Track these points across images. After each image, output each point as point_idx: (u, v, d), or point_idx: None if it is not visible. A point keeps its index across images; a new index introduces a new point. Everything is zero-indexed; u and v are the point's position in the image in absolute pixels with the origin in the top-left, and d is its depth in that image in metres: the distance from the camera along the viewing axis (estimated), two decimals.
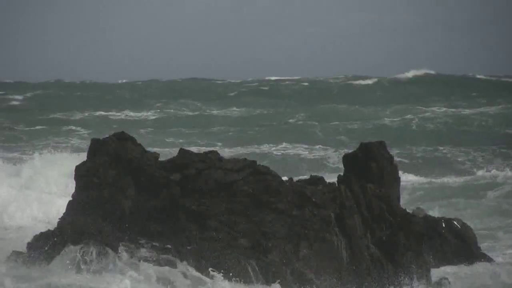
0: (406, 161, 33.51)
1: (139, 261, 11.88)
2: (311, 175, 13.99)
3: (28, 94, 60.17)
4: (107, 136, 13.63)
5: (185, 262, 12.07)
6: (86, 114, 50.59)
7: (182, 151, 13.36)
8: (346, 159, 14.36)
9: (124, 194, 12.94)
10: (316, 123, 44.36)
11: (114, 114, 51.47)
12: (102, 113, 51.33)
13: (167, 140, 39.68)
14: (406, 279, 13.20)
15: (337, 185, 13.68)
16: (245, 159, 13.43)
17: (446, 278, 14.72)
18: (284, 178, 13.51)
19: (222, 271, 12.04)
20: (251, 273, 12.27)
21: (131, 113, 51.84)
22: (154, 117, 50.51)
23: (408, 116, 46.10)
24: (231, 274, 12.07)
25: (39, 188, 21.86)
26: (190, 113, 51.49)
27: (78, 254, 11.74)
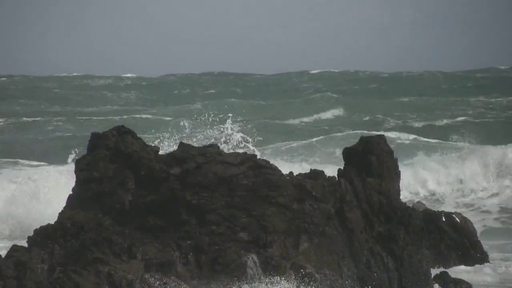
0: None
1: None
2: (311, 169, 13.97)
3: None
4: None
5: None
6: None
7: (182, 145, 13.34)
8: (346, 152, 14.33)
9: (124, 188, 12.93)
10: None
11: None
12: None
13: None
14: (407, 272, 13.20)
15: (337, 179, 13.66)
16: (245, 152, 13.41)
17: (446, 273, 14.73)
18: (285, 172, 13.49)
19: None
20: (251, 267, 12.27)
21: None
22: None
23: None
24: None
25: None
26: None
27: None
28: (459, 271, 15.58)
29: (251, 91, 66.16)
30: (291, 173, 13.57)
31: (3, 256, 12.02)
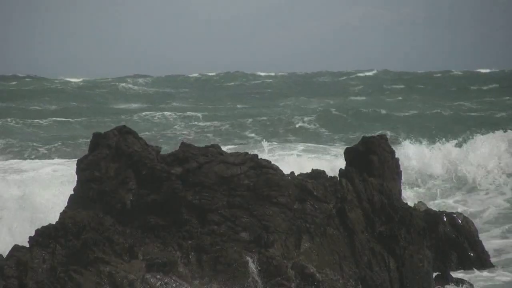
0: None
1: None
2: (312, 169, 13.98)
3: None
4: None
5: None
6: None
7: (183, 145, 13.36)
8: (348, 152, 14.34)
9: (125, 188, 12.94)
10: None
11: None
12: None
13: None
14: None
15: (338, 178, 13.66)
16: (247, 152, 13.42)
17: (447, 272, 14.72)
18: (286, 172, 13.50)
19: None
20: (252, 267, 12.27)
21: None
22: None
23: None
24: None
25: None
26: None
27: None
28: (460, 271, 15.58)
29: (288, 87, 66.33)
30: (292, 173, 13.58)
31: (4, 256, 12.03)
